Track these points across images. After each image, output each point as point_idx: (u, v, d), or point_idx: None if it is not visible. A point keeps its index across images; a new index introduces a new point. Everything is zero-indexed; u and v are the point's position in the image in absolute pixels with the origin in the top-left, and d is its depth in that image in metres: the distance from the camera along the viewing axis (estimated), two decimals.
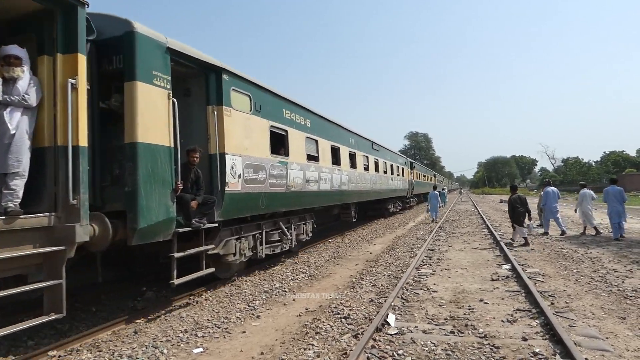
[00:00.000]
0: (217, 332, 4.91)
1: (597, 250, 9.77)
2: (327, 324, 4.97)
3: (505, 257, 8.90)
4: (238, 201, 6.75)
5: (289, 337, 4.65)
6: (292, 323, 5.19)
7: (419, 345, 4.24)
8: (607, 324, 4.78)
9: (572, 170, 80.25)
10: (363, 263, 9.16)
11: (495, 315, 5.16)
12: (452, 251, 10.28)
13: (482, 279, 7.17)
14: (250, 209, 7.28)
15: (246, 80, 7.32)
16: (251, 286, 7.09)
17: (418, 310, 5.48)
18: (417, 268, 8.16)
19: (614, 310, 5.29)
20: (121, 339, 4.70)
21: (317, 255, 10.16)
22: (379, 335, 4.54)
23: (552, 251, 9.77)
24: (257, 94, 7.63)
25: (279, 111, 8.55)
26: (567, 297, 5.88)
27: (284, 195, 8.37)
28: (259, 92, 7.73)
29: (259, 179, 7.39)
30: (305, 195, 9.55)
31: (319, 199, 10.55)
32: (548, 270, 7.74)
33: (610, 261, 8.40)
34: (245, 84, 7.28)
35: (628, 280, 6.76)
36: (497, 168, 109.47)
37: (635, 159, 79.04)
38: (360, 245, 12.11)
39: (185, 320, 5.31)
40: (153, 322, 5.26)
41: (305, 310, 5.68)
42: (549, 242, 11.36)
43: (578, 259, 8.67)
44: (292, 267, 8.64)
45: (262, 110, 7.76)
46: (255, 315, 5.54)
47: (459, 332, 4.60)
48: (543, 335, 4.42)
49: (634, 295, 5.88)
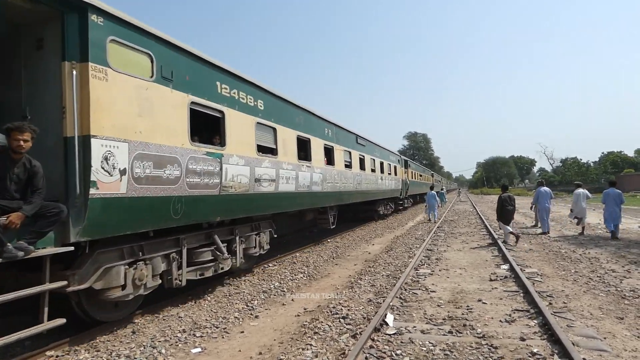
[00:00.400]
0: (216, 332, 4.91)
1: (595, 250, 9.79)
2: (325, 324, 4.97)
3: (504, 257, 8.91)
4: (121, 210, 4.55)
5: (288, 337, 4.64)
6: (291, 323, 5.19)
7: (417, 345, 4.24)
8: (605, 324, 4.79)
9: (570, 171, 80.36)
10: (362, 263, 9.16)
11: (493, 316, 5.17)
12: (451, 251, 10.29)
13: (481, 279, 7.17)
14: (150, 220, 5.04)
15: (143, 31, 5.00)
16: (250, 286, 7.09)
17: (416, 310, 5.48)
18: (416, 268, 8.16)
19: (611, 310, 5.31)
20: (119, 339, 4.69)
21: (316, 255, 10.16)
22: (378, 335, 4.54)
23: (550, 251, 9.78)
24: (165, 54, 5.34)
25: (208, 84, 6.26)
26: (565, 297, 5.89)
27: (216, 199, 6.23)
28: (169, 52, 5.42)
29: (166, 176, 5.15)
30: (256, 199, 7.40)
31: (277, 202, 8.39)
32: (546, 270, 7.75)
33: (609, 261, 8.42)
34: (142, 36, 4.99)
35: (626, 281, 6.78)
36: (495, 168, 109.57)
37: (634, 159, 79.31)
38: (358, 245, 12.11)
39: (184, 320, 5.30)
40: (151, 322, 5.25)
41: (303, 310, 5.68)
42: (548, 242, 11.38)
43: (576, 259, 8.68)
44: (291, 267, 8.64)
45: (176, 78, 5.50)
46: (254, 315, 5.54)
47: (458, 332, 4.60)
48: (541, 335, 4.43)
49: (631, 295, 5.90)
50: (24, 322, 3.93)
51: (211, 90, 6.33)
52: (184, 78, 5.72)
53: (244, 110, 7.19)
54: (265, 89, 7.98)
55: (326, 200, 11.49)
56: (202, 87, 6.09)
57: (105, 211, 4.36)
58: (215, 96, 6.41)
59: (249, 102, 7.39)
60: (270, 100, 8.16)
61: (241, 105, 7.09)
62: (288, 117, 9.04)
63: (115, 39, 4.60)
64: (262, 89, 7.83)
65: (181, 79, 5.64)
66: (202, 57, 6.10)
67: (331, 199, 11.91)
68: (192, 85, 5.85)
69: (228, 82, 6.75)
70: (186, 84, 5.73)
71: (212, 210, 6.27)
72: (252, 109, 7.47)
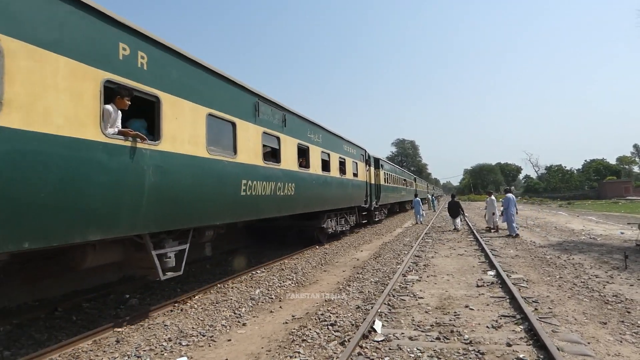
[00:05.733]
0: (202, 340, 4.83)
1: (579, 256, 9.97)
2: (313, 331, 4.93)
3: (491, 263, 9.00)
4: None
5: (275, 345, 4.60)
6: (279, 330, 5.14)
7: (405, 351, 4.24)
8: (589, 329, 4.86)
9: (555, 178, 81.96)
10: (350, 269, 9.15)
11: (480, 322, 5.20)
12: (439, 257, 10.35)
13: (468, 285, 7.22)
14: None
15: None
16: (237, 293, 7.01)
17: (404, 316, 5.49)
18: (404, 274, 8.19)
19: (595, 315, 5.39)
20: (102, 348, 4.58)
21: (304, 261, 10.11)
22: (366, 342, 4.53)
23: (535, 257, 9.92)
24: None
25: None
26: (550, 303, 5.97)
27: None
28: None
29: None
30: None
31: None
32: (532, 276, 7.85)
33: (592, 267, 8.57)
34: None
35: (609, 286, 6.90)
36: (482, 175, 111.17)
37: (616, 166, 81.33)
38: (347, 251, 12.10)
39: (170, 328, 5.21)
40: (136, 331, 5.14)
41: (291, 318, 5.64)
42: (533, 248, 11.54)
43: (561, 265, 8.82)
44: (279, 274, 8.58)
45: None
46: (241, 323, 5.47)
47: (445, 338, 4.62)
48: (527, 340, 4.47)
49: (614, 300, 6.01)
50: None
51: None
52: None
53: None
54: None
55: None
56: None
57: None
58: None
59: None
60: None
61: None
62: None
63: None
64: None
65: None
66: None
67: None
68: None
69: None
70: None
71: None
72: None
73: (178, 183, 5.74)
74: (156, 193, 5.30)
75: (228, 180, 7.06)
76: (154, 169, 5.26)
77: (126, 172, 4.83)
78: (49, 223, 3.96)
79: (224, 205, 6.95)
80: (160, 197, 5.39)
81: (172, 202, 5.65)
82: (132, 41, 5.09)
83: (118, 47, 4.87)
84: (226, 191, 7.00)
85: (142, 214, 5.09)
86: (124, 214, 4.82)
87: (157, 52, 5.55)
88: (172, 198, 5.63)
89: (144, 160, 5.11)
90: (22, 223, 3.71)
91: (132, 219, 4.94)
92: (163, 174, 5.45)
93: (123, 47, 4.94)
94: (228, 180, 7.07)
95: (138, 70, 5.17)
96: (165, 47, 5.70)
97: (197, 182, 6.16)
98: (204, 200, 6.35)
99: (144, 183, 5.10)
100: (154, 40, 5.48)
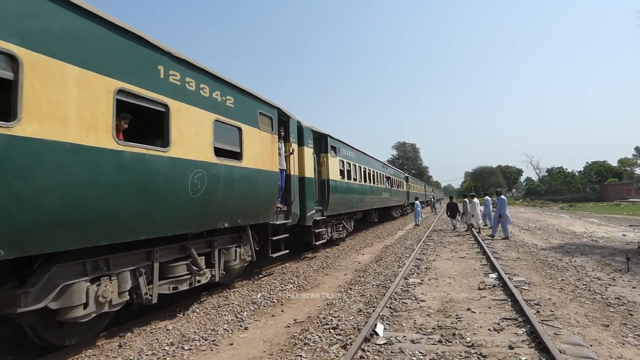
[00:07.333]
0: (204, 344, 4.84)
1: (581, 259, 9.95)
2: (315, 334, 4.94)
3: (492, 266, 8.99)
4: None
5: (277, 349, 4.60)
6: (281, 334, 5.14)
7: (407, 355, 4.24)
8: (591, 332, 4.86)
9: (556, 180, 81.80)
10: (352, 273, 9.15)
11: (482, 324, 5.20)
12: (440, 260, 10.35)
13: (470, 288, 7.22)
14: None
15: None
16: (239, 297, 7.02)
17: (406, 319, 5.49)
18: (406, 277, 8.19)
19: (597, 318, 5.39)
20: (105, 353, 4.60)
21: (306, 265, 10.12)
22: (368, 345, 4.53)
23: (537, 260, 9.91)
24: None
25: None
26: (552, 306, 5.97)
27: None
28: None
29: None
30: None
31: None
32: (534, 278, 7.84)
33: (594, 269, 8.56)
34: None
35: (611, 288, 6.89)
36: (483, 178, 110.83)
37: (617, 168, 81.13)
38: (348, 255, 12.10)
39: (172, 332, 5.22)
40: (138, 335, 5.15)
41: (293, 321, 5.64)
42: (535, 250, 11.53)
43: (563, 267, 8.81)
44: (281, 278, 8.58)
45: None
46: (243, 327, 5.48)
47: (447, 341, 4.62)
48: (529, 343, 4.47)
49: (617, 303, 6.00)
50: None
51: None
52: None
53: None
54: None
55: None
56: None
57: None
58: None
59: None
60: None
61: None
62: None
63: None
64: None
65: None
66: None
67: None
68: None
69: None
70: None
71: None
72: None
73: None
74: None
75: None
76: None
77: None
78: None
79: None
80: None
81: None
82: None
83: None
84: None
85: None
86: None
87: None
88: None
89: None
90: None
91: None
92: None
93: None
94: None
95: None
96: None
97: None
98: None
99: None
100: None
